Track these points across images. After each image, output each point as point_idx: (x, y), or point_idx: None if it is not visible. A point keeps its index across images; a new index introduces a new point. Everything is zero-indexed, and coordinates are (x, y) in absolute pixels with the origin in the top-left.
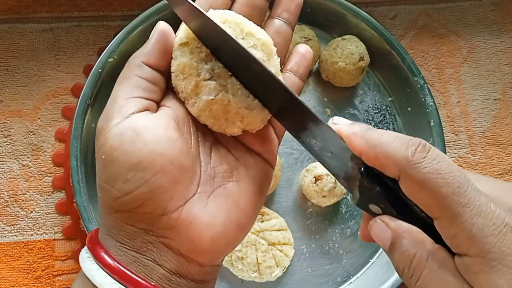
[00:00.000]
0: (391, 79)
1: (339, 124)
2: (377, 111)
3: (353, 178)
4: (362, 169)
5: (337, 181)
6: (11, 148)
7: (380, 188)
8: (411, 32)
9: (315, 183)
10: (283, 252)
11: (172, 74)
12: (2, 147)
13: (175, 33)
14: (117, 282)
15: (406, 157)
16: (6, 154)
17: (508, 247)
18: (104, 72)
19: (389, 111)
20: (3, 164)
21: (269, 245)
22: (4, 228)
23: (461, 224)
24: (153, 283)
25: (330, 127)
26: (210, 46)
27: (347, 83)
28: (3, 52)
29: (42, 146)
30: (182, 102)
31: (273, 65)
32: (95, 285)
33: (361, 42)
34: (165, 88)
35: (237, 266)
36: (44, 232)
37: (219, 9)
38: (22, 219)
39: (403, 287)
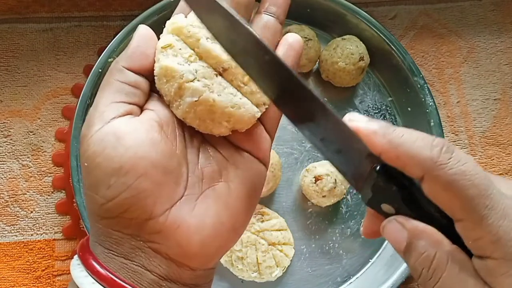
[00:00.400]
0: (391, 79)
1: (357, 121)
2: (377, 111)
3: (365, 176)
4: (378, 167)
5: (337, 181)
6: (11, 148)
7: (396, 188)
8: (411, 32)
9: (315, 183)
10: (283, 252)
11: (155, 77)
12: (2, 147)
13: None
14: None
15: (431, 158)
16: (6, 154)
17: None
18: (104, 72)
19: (389, 111)
20: (3, 164)
21: (269, 245)
22: (4, 228)
23: (486, 227)
24: None
25: (345, 124)
26: (215, 32)
27: (347, 83)
28: (3, 52)
29: (42, 146)
30: (167, 105)
31: None
32: None
33: (361, 42)
34: (149, 91)
35: (237, 266)
36: (44, 232)
37: None
38: (22, 219)
39: (403, 287)
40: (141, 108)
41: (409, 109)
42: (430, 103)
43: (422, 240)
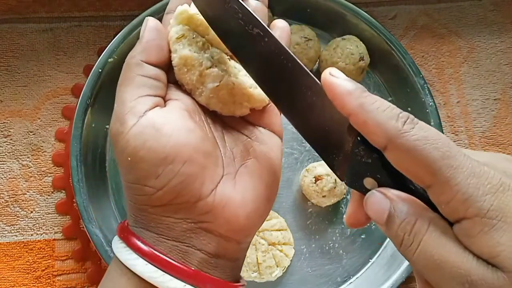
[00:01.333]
0: (391, 79)
1: (336, 77)
2: None
3: (346, 151)
4: (359, 137)
5: (337, 181)
6: (11, 148)
7: (377, 155)
8: (411, 32)
9: (315, 183)
10: (283, 252)
11: (174, 68)
12: (2, 147)
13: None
14: (158, 270)
15: (396, 127)
16: (6, 154)
17: (507, 205)
18: (104, 72)
19: None
20: (3, 164)
21: (269, 245)
22: (4, 228)
23: (455, 186)
24: (193, 268)
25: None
26: (213, 23)
27: None
28: (3, 52)
29: (42, 146)
30: (187, 93)
31: None
32: (135, 275)
33: (361, 42)
34: (167, 83)
35: None
36: (44, 232)
37: None
38: (22, 219)
39: (403, 287)
40: (164, 99)
41: (409, 109)
42: (430, 103)
43: (403, 207)
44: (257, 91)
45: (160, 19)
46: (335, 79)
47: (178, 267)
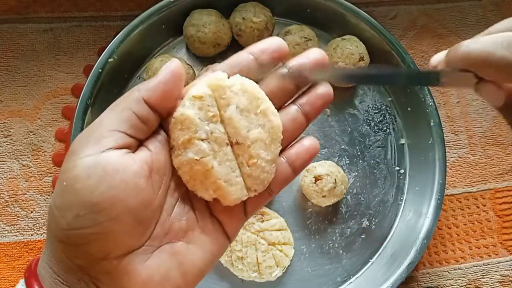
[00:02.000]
0: None
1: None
2: (377, 111)
3: None
4: None
5: (337, 181)
6: (11, 148)
7: None
8: (411, 32)
9: (315, 183)
10: (283, 252)
11: (172, 119)
12: (2, 147)
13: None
14: None
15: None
16: (6, 154)
17: None
18: (104, 72)
19: (389, 111)
20: (3, 164)
21: (269, 245)
22: (4, 228)
23: None
24: None
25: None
26: None
27: (347, 83)
28: (3, 52)
29: (42, 146)
30: (167, 148)
31: (272, 149)
32: None
33: (361, 42)
34: (157, 127)
35: (237, 266)
36: (44, 232)
37: (247, 77)
38: (22, 219)
39: (403, 287)
40: (141, 142)
41: (409, 109)
42: (430, 103)
43: None
44: (230, 189)
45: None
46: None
47: None
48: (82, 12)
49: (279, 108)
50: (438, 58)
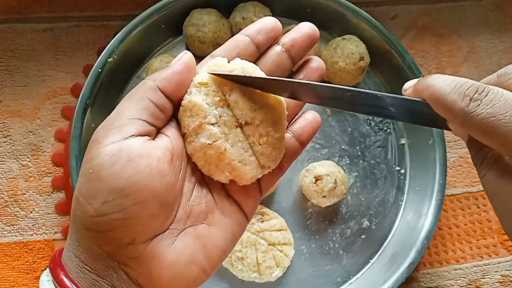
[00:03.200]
0: (391, 79)
1: (406, 88)
2: None
3: None
4: None
5: (337, 181)
6: (11, 148)
7: None
8: (412, 32)
9: (315, 183)
10: (283, 252)
11: (181, 107)
12: (2, 147)
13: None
14: None
15: (462, 109)
16: (6, 154)
17: None
18: (103, 72)
19: None
20: (3, 164)
21: (269, 245)
22: (4, 228)
23: None
24: None
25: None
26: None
27: (347, 83)
28: (3, 52)
29: (41, 146)
30: (182, 135)
31: (280, 126)
32: None
33: (361, 42)
34: (171, 116)
35: (237, 267)
36: (44, 232)
37: (245, 59)
38: (22, 219)
39: (403, 287)
40: (159, 130)
41: None
42: None
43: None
44: (244, 169)
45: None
46: (406, 92)
47: None
48: (82, 11)
49: None
50: (410, 84)
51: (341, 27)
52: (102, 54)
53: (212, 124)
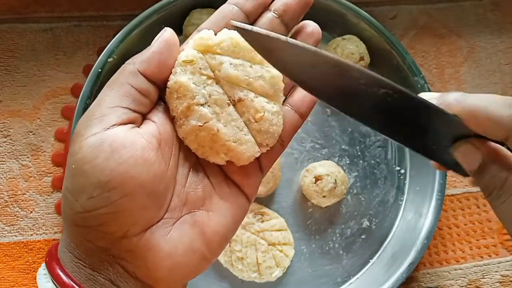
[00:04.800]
0: (391, 79)
1: (430, 98)
2: None
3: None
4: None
5: (337, 181)
6: (11, 148)
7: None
8: (412, 32)
9: (315, 183)
10: (283, 252)
11: (167, 89)
12: (1, 147)
13: (178, 37)
14: None
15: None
16: (5, 154)
17: None
18: (103, 72)
19: None
20: (2, 164)
21: (269, 245)
22: (4, 228)
23: None
24: None
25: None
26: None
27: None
28: (3, 52)
29: (41, 146)
30: (171, 119)
31: (276, 100)
32: None
33: (361, 42)
34: (157, 100)
35: (237, 267)
36: (43, 232)
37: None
38: (21, 219)
39: (403, 287)
40: (144, 116)
41: None
42: None
43: (495, 164)
44: (241, 149)
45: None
46: (431, 101)
47: None
48: (82, 11)
49: None
50: (428, 96)
51: (341, 27)
52: (102, 54)
53: (202, 105)
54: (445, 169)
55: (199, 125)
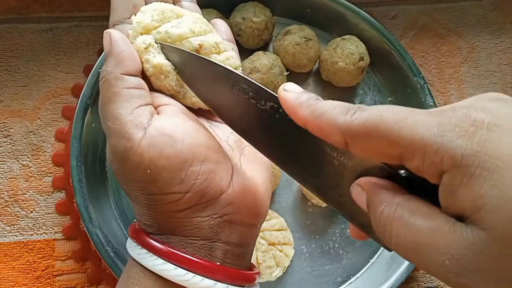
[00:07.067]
0: (391, 79)
1: (290, 91)
2: None
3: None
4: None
5: None
6: (11, 148)
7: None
8: (411, 32)
9: None
10: (283, 252)
11: (150, 78)
12: (2, 147)
13: None
14: (188, 272)
15: (345, 120)
16: (6, 154)
17: (483, 146)
18: None
19: None
20: (3, 164)
21: (269, 245)
22: (4, 228)
23: (419, 141)
24: (218, 263)
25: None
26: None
27: (347, 83)
28: (3, 52)
29: (42, 146)
30: (171, 98)
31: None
32: (160, 278)
33: (361, 42)
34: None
35: None
36: (44, 232)
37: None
38: (22, 219)
39: (403, 287)
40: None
41: None
42: (430, 103)
43: (374, 198)
44: None
45: None
46: (287, 93)
47: (206, 266)
48: (82, 12)
49: None
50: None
51: (341, 27)
52: (103, 54)
53: None
54: (363, 235)
55: None
